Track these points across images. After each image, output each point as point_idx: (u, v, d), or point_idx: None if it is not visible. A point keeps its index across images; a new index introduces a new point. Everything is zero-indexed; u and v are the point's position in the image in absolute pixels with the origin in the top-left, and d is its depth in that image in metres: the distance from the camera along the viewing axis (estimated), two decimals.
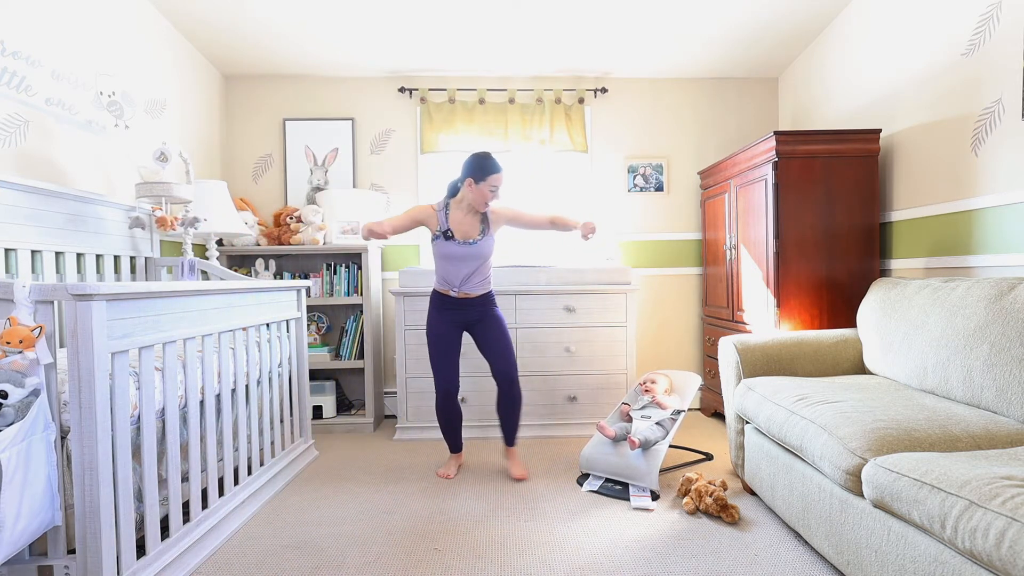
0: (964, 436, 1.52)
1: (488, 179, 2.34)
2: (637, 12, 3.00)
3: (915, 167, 2.56)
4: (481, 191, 2.35)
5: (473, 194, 2.37)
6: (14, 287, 1.34)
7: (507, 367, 2.47)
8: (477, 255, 2.41)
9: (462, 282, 2.43)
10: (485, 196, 2.37)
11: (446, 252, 2.40)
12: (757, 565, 1.72)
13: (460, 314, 2.47)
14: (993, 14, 2.13)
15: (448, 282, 2.44)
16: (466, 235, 2.41)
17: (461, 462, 2.62)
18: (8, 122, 2.00)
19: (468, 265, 2.41)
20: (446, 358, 2.46)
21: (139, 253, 2.59)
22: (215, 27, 3.07)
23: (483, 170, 2.34)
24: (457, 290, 2.44)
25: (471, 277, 2.43)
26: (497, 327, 2.48)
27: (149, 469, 1.58)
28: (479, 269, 2.44)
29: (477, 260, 2.42)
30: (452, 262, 2.41)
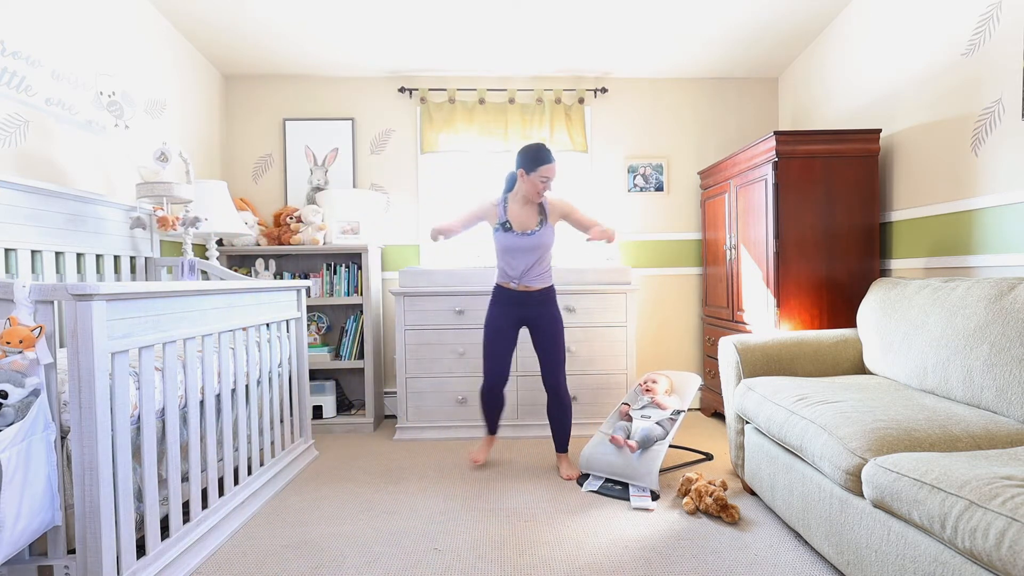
0: (964, 436, 1.52)
1: (539, 170, 2.37)
2: (637, 12, 3.00)
3: (915, 167, 2.56)
4: (532, 182, 2.39)
5: (526, 185, 2.41)
6: (14, 287, 1.34)
7: (552, 376, 2.50)
8: (536, 246, 2.44)
9: (522, 274, 2.46)
10: (537, 187, 2.40)
11: (506, 244, 2.44)
12: (757, 565, 1.72)
13: (519, 309, 2.50)
14: (993, 14, 2.13)
15: (508, 275, 2.48)
16: (524, 226, 2.45)
17: (493, 444, 2.71)
18: (8, 122, 2.00)
19: (527, 256, 2.44)
20: (499, 354, 2.50)
21: (139, 253, 2.59)
22: (215, 27, 3.07)
23: (534, 161, 2.37)
24: (517, 282, 2.47)
25: (530, 269, 2.46)
26: (551, 333, 2.49)
27: (149, 469, 1.58)
28: (538, 261, 2.46)
29: (537, 251, 2.44)
30: (512, 254, 2.45)
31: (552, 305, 2.52)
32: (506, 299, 2.51)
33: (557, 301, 2.57)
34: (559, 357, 2.50)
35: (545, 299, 2.51)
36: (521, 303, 2.49)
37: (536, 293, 2.49)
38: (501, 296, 2.52)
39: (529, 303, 2.49)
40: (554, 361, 2.50)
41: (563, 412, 2.52)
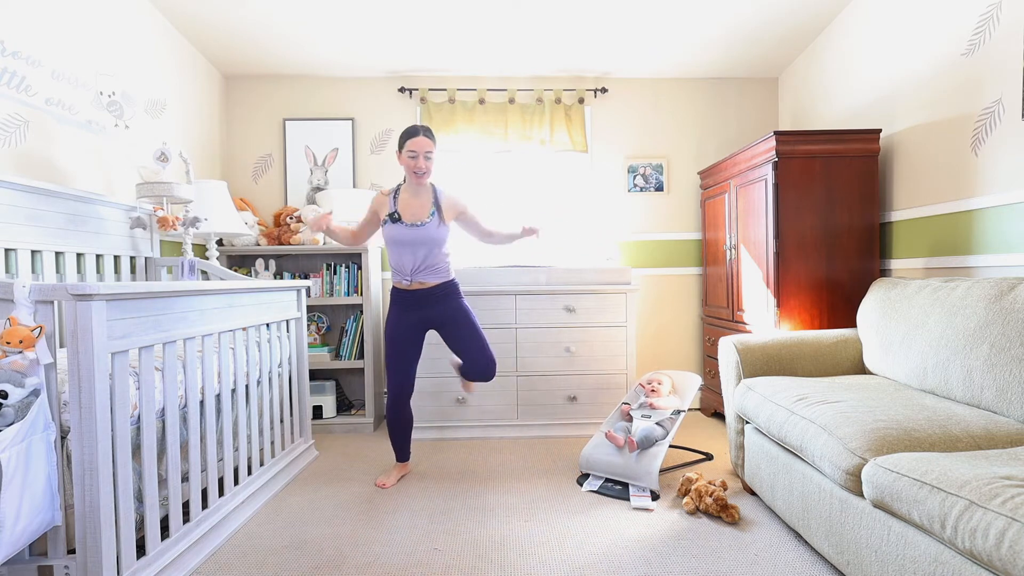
0: (964, 436, 1.52)
1: (406, 145, 2.28)
2: (637, 12, 3.00)
3: (915, 167, 2.56)
4: (403, 159, 2.30)
5: (403, 166, 2.32)
6: (14, 287, 1.34)
7: (484, 364, 2.37)
8: (426, 239, 2.28)
9: (413, 270, 2.31)
10: (408, 164, 2.29)
11: (393, 235, 2.30)
12: (757, 565, 1.72)
13: (420, 312, 2.35)
14: (993, 14, 2.13)
15: (399, 271, 2.34)
16: (414, 217, 2.30)
17: (406, 472, 2.52)
18: (8, 122, 2.00)
19: (418, 250, 2.29)
20: (402, 360, 2.36)
21: (139, 253, 2.59)
22: (215, 27, 3.07)
23: (403, 137, 2.29)
24: (409, 279, 2.32)
25: (421, 266, 2.31)
26: (465, 323, 2.37)
27: (149, 469, 1.58)
28: (431, 256, 2.31)
29: (426, 245, 2.29)
30: (401, 247, 2.30)
31: (455, 298, 2.38)
32: (404, 301, 2.35)
33: (461, 293, 2.42)
34: (481, 340, 2.37)
35: (446, 294, 2.36)
36: (420, 303, 2.34)
37: (434, 288, 2.34)
38: (400, 298, 2.36)
39: (429, 302, 2.34)
40: (479, 346, 2.36)
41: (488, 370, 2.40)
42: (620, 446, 2.38)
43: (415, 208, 2.33)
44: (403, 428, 2.44)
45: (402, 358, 2.36)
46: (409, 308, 2.36)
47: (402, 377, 2.37)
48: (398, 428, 2.44)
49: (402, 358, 2.36)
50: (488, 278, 3.15)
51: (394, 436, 2.46)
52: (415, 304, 2.36)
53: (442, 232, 2.33)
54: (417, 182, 2.33)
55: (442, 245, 2.34)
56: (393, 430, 2.44)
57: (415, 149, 2.28)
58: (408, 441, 2.48)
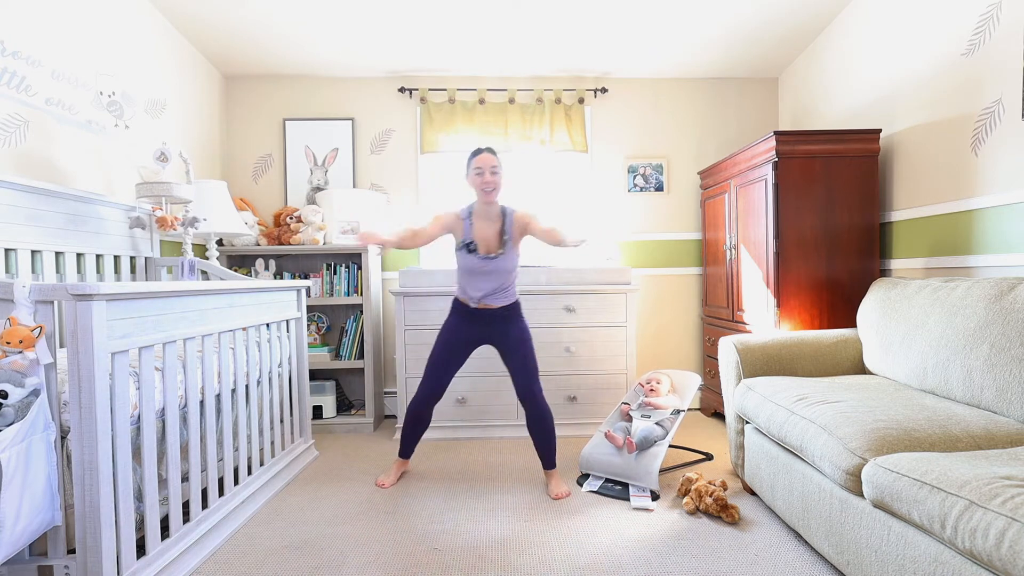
0: (964, 436, 1.52)
1: (471, 164, 2.29)
2: (637, 12, 3.00)
3: (915, 167, 2.56)
4: (471, 179, 2.30)
5: (474, 189, 2.31)
6: (14, 287, 1.34)
7: (527, 389, 2.33)
8: (500, 269, 2.29)
9: (483, 296, 2.32)
10: (475, 182, 2.28)
11: (468, 266, 2.30)
12: (757, 565, 1.72)
13: (480, 327, 2.35)
14: (993, 14, 2.13)
15: (467, 294, 2.34)
16: (488, 248, 2.30)
17: (406, 469, 2.53)
18: (8, 122, 2.00)
19: (491, 280, 2.30)
20: (445, 367, 2.36)
21: (139, 253, 2.59)
22: (215, 27, 3.07)
23: (468, 162, 2.32)
24: (476, 303, 2.33)
25: (493, 292, 2.32)
26: (520, 351, 2.33)
27: (149, 469, 1.58)
28: (502, 283, 2.32)
29: (500, 275, 2.30)
30: (474, 276, 2.30)
31: (517, 321, 2.37)
32: (466, 315, 2.36)
33: (522, 314, 2.40)
34: (531, 368, 2.34)
35: (508, 316, 2.36)
36: (482, 321, 2.35)
37: (498, 311, 2.34)
38: (461, 310, 2.37)
39: (491, 321, 2.35)
40: (527, 372, 2.33)
41: (545, 424, 2.34)
42: (619, 446, 2.38)
43: (489, 237, 2.31)
44: (419, 428, 2.44)
45: (446, 365, 2.36)
46: (470, 323, 2.36)
47: (437, 382, 2.37)
48: (415, 427, 2.43)
49: (446, 365, 2.36)
50: None
51: (408, 433, 2.44)
52: (476, 321, 2.36)
53: (514, 262, 2.34)
54: (487, 200, 2.29)
55: (514, 271, 2.35)
56: (409, 426, 2.43)
57: (480, 166, 2.27)
58: (417, 441, 2.48)
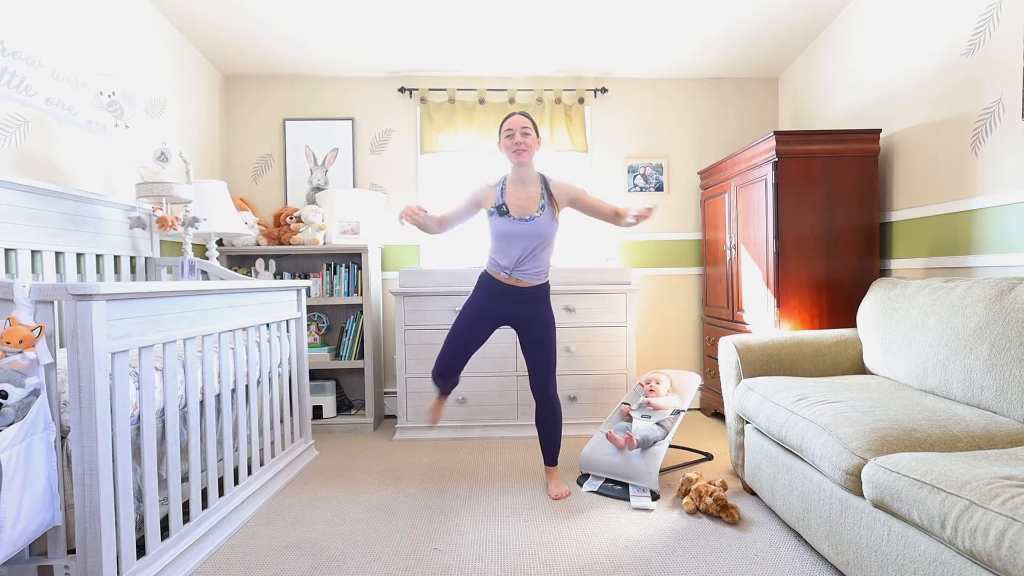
0: (964, 436, 1.52)
1: (502, 128, 2.19)
2: (637, 12, 3.00)
3: (915, 167, 2.56)
4: (504, 145, 2.19)
5: (505, 154, 2.20)
6: (14, 287, 1.34)
7: (543, 382, 2.27)
8: (535, 233, 2.16)
9: (515, 264, 2.18)
10: (507, 144, 2.17)
11: (500, 229, 2.18)
12: (757, 565, 1.72)
13: (507, 306, 2.23)
14: (993, 14, 2.13)
15: (499, 264, 2.21)
16: (523, 211, 2.17)
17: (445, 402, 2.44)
18: (8, 122, 2.00)
19: (523, 244, 2.16)
20: (463, 346, 2.23)
21: (139, 253, 2.59)
22: (215, 27, 3.07)
23: (501, 125, 2.21)
24: (509, 273, 2.20)
25: (526, 260, 2.18)
26: (543, 337, 2.25)
27: (149, 469, 1.58)
28: (536, 252, 2.19)
29: (534, 240, 2.17)
30: (507, 240, 2.17)
31: (545, 305, 2.28)
32: (494, 289, 2.23)
33: (551, 301, 2.30)
34: (550, 363, 2.27)
35: (538, 297, 2.25)
36: (510, 298, 2.22)
37: (528, 289, 2.23)
38: (488, 284, 2.24)
39: (519, 300, 2.23)
40: (546, 367, 2.26)
41: (555, 421, 2.31)
42: (620, 447, 2.38)
43: (523, 201, 2.19)
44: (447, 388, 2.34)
45: (468, 342, 2.24)
46: (497, 299, 2.23)
47: (458, 358, 2.25)
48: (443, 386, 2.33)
49: (468, 342, 2.24)
50: None
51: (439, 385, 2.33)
52: (505, 298, 2.23)
53: (552, 227, 2.20)
54: (519, 161, 2.16)
55: (551, 241, 2.23)
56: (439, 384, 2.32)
57: (511, 127, 2.16)
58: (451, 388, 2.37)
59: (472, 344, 2.25)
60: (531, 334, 2.26)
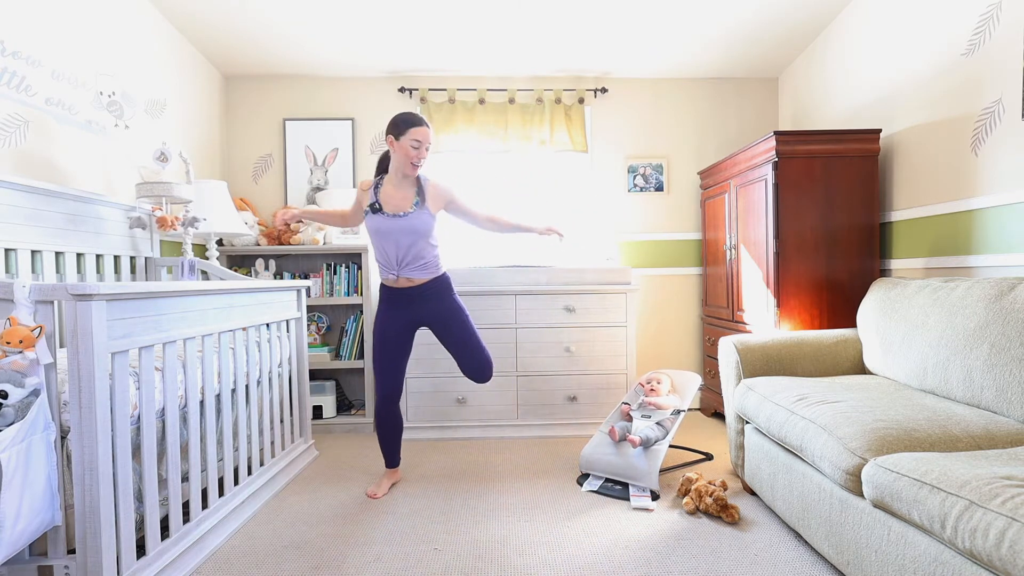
0: (964, 436, 1.52)
1: (409, 132, 2.11)
2: (637, 12, 3.00)
3: (915, 167, 2.56)
4: (403, 147, 2.13)
5: (398, 155, 2.16)
6: (14, 287, 1.34)
7: (478, 360, 2.26)
8: (409, 230, 2.15)
9: (399, 264, 2.19)
10: (409, 154, 2.13)
11: (374, 227, 2.18)
12: (757, 565, 1.72)
13: (410, 311, 2.24)
14: (993, 14, 2.13)
15: (385, 265, 2.22)
16: (396, 208, 2.17)
17: (397, 479, 2.41)
18: (8, 122, 2.00)
19: (400, 242, 2.16)
20: (390, 361, 2.25)
21: (139, 253, 2.59)
22: (215, 27, 3.07)
23: (404, 123, 2.12)
24: (396, 275, 2.20)
25: (406, 258, 2.18)
26: (457, 323, 2.25)
27: (149, 469, 1.58)
28: (414, 248, 2.18)
29: (410, 236, 2.15)
30: (383, 237, 2.17)
31: (447, 296, 2.27)
32: (392, 299, 2.24)
33: (453, 289, 2.30)
34: (476, 340, 2.27)
35: (438, 290, 2.25)
36: (409, 301, 2.23)
37: (423, 287, 2.22)
38: (389, 295, 2.25)
39: (419, 299, 2.23)
40: (474, 347, 2.26)
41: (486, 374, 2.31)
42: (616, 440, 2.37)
43: (397, 200, 2.20)
44: (393, 432, 2.34)
45: (391, 359, 2.25)
46: (398, 306, 2.25)
47: (391, 379, 2.26)
48: (389, 432, 2.33)
49: (391, 359, 2.25)
50: (488, 278, 3.15)
51: (384, 440, 2.34)
52: (404, 302, 2.25)
53: (427, 222, 2.18)
54: (410, 173, 2.20)
55: (428, 236, 2.20)
56: (383, 434, 2.33)
57: (420, 139, 2.13)
58: (399, 445, 2.38)
59: (399, 358, 2.27)
60: (446, 326, 2.27)
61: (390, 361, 2.26)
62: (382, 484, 2.34)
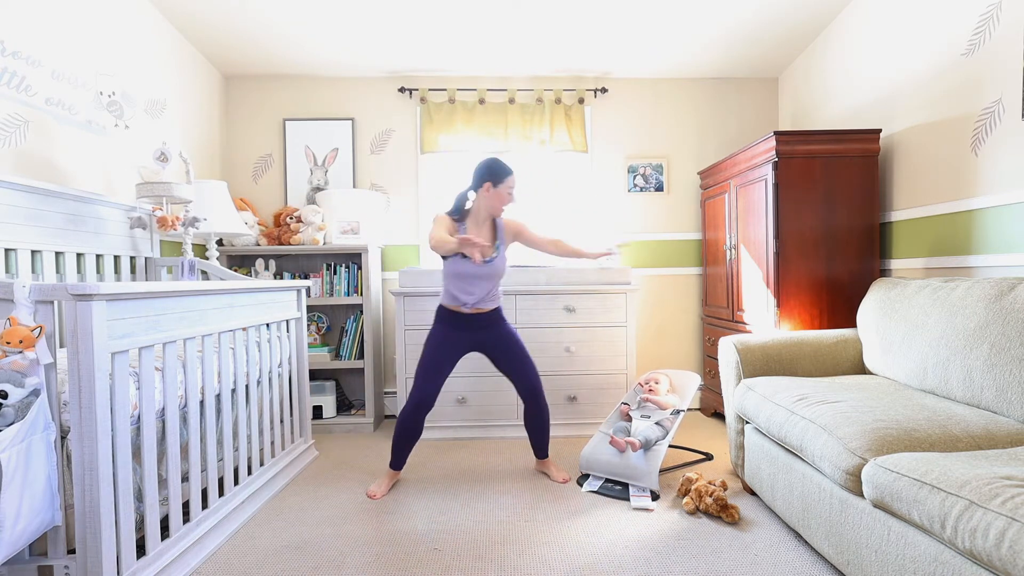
0: (964, 436, 1.52)
1: (506, 180, 2.31)
2: (637, 12, 3.00)
3: (915, 167, 2.56)
4: (500, 195, 2.31)
5: (490, 200, 2.32)
6: (14, 287, 1.34)
7: (531, 382, 2.41)
8: (493, 274, 2.33)
9: (476, 301, 2.34)
10: (503, 200, 2.32)
11: (462, 271, 2.29)
12: (757, 565, 1.72)
13: (470, 334, 2.38)
14: (993, 14, 2.13)
15: (460, 299, 2.34)
16: (483, 253, 2.28)
17: (397, 480, 2.45)
18: (8, 122, 2.00)
19: (484, 285, 2.33)
20: (437, 373, 2.34)
21: (139, 253, 2.59)
22: (215, 27, 3.07)
23: (500, 172, 2.31)
24: (470, 307, 2.35)
25: (485, 296, 2.35)
26: (514, 344, 2.40)
27: (149, 469, 1.58)
28: (495, 287, 2.38)
29: (492, 279, 2.34)
30: (468, 281, 2.31)
31: (504, 323, 2.44)
32: (456, 321, 2.36)
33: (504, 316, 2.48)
34: (531, 364, 2.43)
35: (497, 319, 2.42)
36: (473, 327, 2.37)
37: (487, 314, 2.38)
38: (449, 318, 2.37)
39: (482, 326, 2.38)
40: (530, 370, 2.42)
41: (545, 416, 2.46)
42: (622, 449, 2.37)
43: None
44: (411, 439, 2.38)
45: (438, 372, 2.34)
46: (461, 329, 2.37)
47: (431, 389, 2.33)
48: (407, 438, 2.37)
49: (438, 372, 2.34)
50: None
51: (399, 444, 2.38)
52: (468, 326, 2.37)
53: (505, 265, 2.40)
54: (496, 214, 2.38)
55: (503, 275, 2.42)
56: (401, 438, 2.37)
57: (513, 187, 2.34)
58: (409, 453, 2.42)
59: (442, 375, 2.36)
60: (503, 351, 2.40)
61: (437, 373, 2.34)
62: (383, 484, 2.36)
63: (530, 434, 2.49)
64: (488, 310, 2.39)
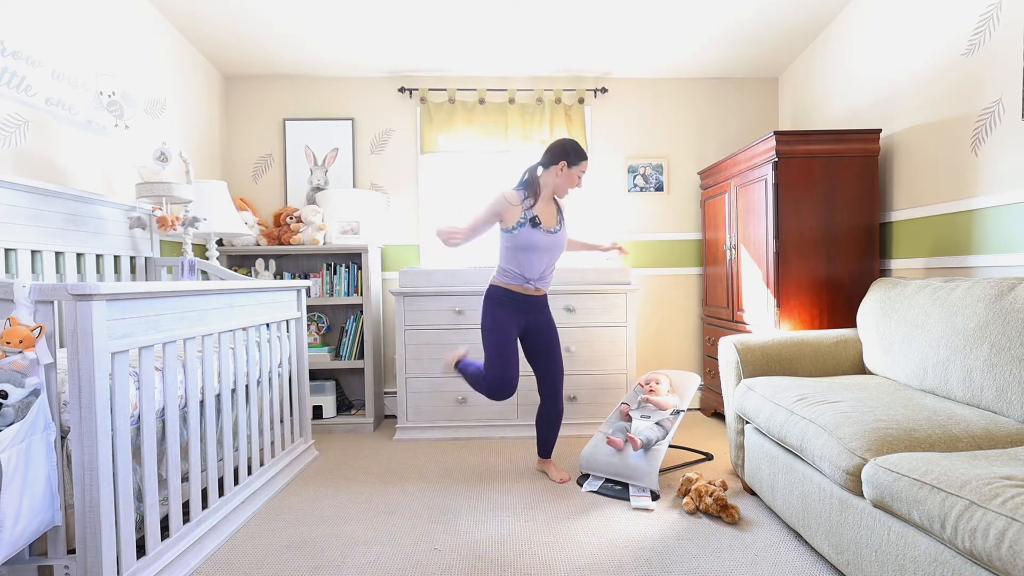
0: (964, 436, 1.52)
1: (581, 163, 2.33)
2: (637, 12, 3.00)
3: (915, 167, 2.56)
4: (571, 176, 2.33)
5: (562, 179, 2.33)
6: (14, 287, 1.34)
7: (556, 381, 2.44)
8: (558, 245, 2.36)
9: (540, 276, 2.34)
10: (573, 182, 2.34)
11: (533, 242, 2.27)
12: (757, 565, 1.72)
13: (525, 315, 2.37)
14: (993, 14, 2.13)
15: (526, 276, 2.32)
16: (549, 224, 2.33)
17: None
18: (8, 122, 2.00)
19: (550, 256, 2.34)
20: (514, 356, 2.30)
21: (139, 253, 2.59)
22: (215, 27, 3.07)
23: (578, 155, 2.32)
24: (534, 285, 2.34)
25: (547, 270, 2.36)
26: (553, 338, 2.43)
27: (149, 469, 1.58)
28: (554, 262, 2.40)
29: (556, 251, 2.37)
30: (536, 252, 2.29)
31: (549, 310, 2.47)
32: (513, 303, 2.33)
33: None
34: (561, 364, 2.45)
35: (546, 303, 2.46)
36: (527, 308, 2.37)
37: (543, 297, 2.42)
38: (507, 299, 2.33)
39: (535, 308, 2.39)
40: (558, 369, 2.44)
41: (558, 417, 2.48)
42: (620, 449, 2.37)
43: (547, 217, 2.36)
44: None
45: (514, 352, 2.31)
46: (520, 310, 2.36)
47: (513, 367, 2.30)
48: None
49: (514, 352, 2.31)
50: (488, 278, 3.14)
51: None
52: (525, 308, 2.37)
53: (566, 239, 2.43)
54: (563, 195, 2.40)
55: (563, 251, 2.44)
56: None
57: (584, 171, 2.37)
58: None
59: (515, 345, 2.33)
60: (542, 340, 2.42)
61: (514, 354, 2.31)
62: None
63: (539, 431, 2.51)
64: (544, 292, 2.42)
